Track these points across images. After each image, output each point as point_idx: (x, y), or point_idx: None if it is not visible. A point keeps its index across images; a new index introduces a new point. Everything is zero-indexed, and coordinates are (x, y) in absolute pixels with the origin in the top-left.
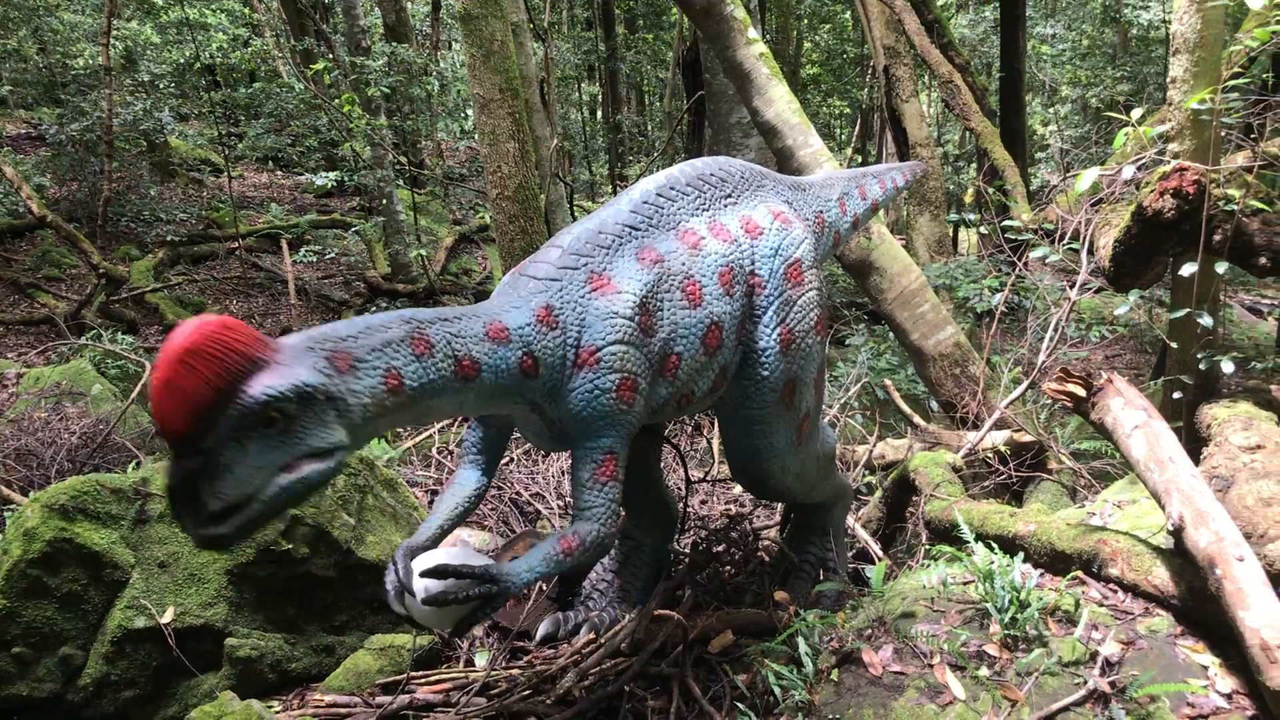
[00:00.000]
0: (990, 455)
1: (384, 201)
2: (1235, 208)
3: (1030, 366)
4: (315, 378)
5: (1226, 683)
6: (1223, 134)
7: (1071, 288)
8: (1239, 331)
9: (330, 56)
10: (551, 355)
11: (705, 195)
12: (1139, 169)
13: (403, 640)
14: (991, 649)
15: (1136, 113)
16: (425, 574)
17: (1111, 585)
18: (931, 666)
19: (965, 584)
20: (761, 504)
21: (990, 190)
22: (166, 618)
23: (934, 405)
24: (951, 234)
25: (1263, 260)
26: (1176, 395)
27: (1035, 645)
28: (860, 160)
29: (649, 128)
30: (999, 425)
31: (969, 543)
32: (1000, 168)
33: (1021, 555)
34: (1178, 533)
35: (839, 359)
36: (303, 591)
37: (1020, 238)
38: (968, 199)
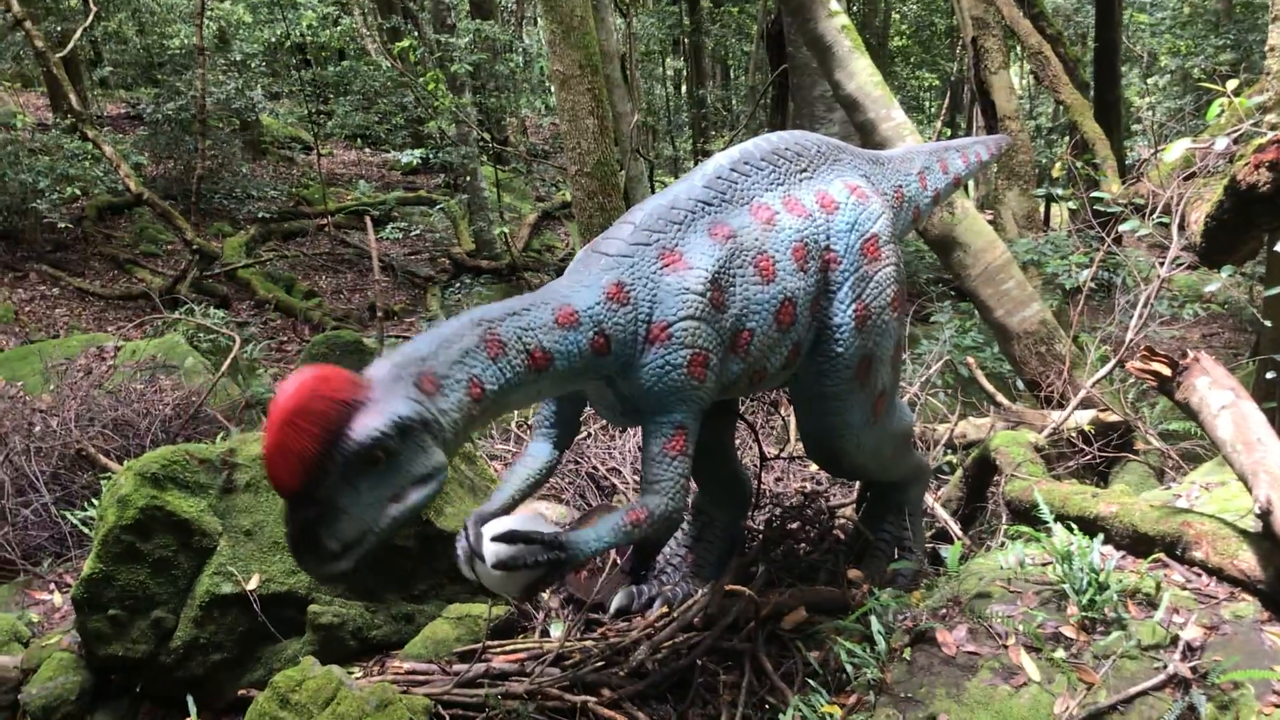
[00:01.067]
0: (1075, 435)
1: (469, 179)
2: None
3: (1119, 345)
4: (409, 408)
5: None
6: None
7: (1162, 264)
8: None
9: (416, 34)
10: (623, 332)
11: (780, 170)
12: (1234, 141)
13: (479, 610)
14: (1068, 631)
15: (1232, 83)
16: (495, 539)
17: (1195, 569)
18: (1006, 647)
19: (1043, 565)
20: (838, 482)
21: (1080, 164)
22: (252, 584)
23: (1019, 384)
24: (1043, 209)
25: None
26: (1270, 375)
27: (1114, 628)
28: (949, 134)
29: (733, 102)
30: (1085, 404)
31: (1048, 523)
32: (1090, 141)
33: (1102, 537)
34: (1265, 516)
35: (922, 336)
36: (383, 561)
37: (1109, 210)
38: (1055, 173)
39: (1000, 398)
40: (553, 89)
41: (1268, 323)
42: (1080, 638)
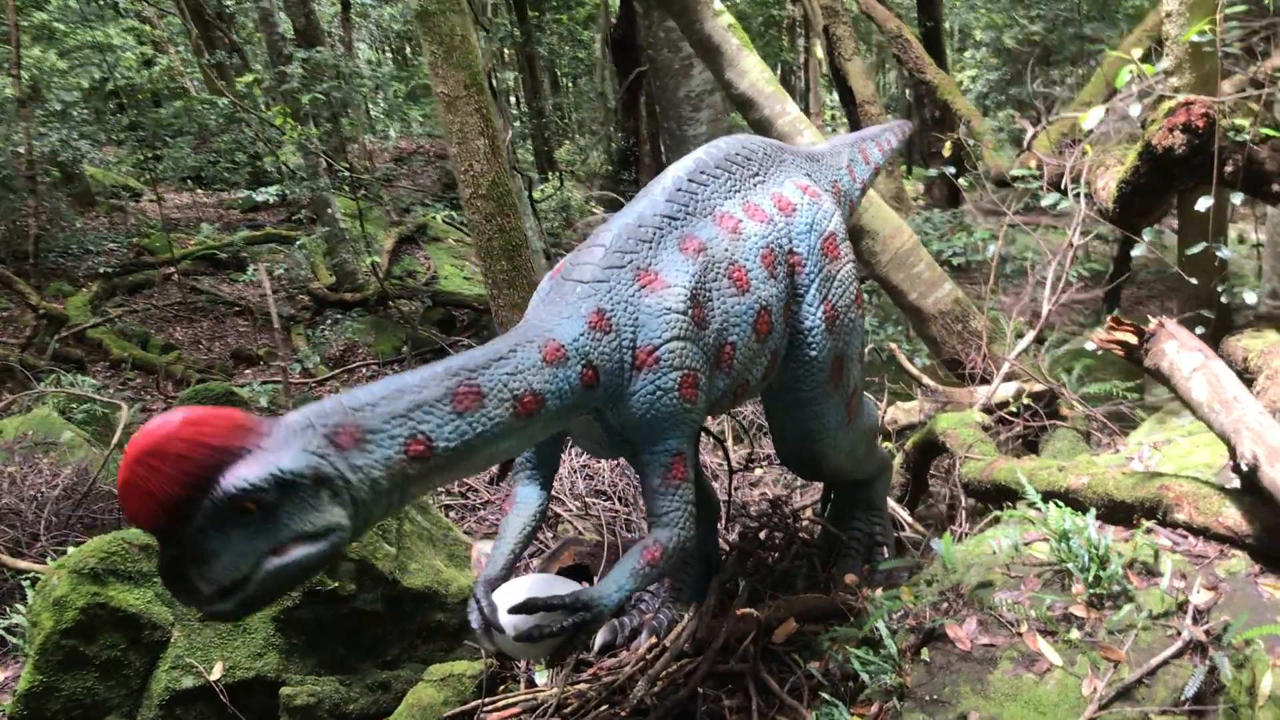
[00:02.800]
0: (1014, 407)
1: (327, 210)
2: (1246, 137)
3: (1033, 316)
4: (299, 462)
5: None
6: (1223, 63)
7: (1073, 232)
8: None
9: (249, 67)
10: (609, 361)
11: (735, 176)
12: (1140, 107)
13: (462, 668)
14: (1078, 610)
15: (1137, 51)
16: (513, 610)
17: (1180, 531)
18: (1020, 635)
19: (1028, 544)
20: (798, 485)
21: (969, 141)
22: (216, 674)
23: (917, 364)
24: (926, 188)
25: (1275, 187)
26: (1200, 331)
27: (1122, 601)
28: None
29: (570, 111)
30: (1008, 378)
31: (1026, 503)
32: (965, 118)
33: (1094, 512)
34: (1253, 471)
35: None
36: (352, 629)
37: (1006, 185)
38: (946, 151)
39: (926, 380)
40: (413, 111)
41: (1194, 280)
42: (1091, 615)
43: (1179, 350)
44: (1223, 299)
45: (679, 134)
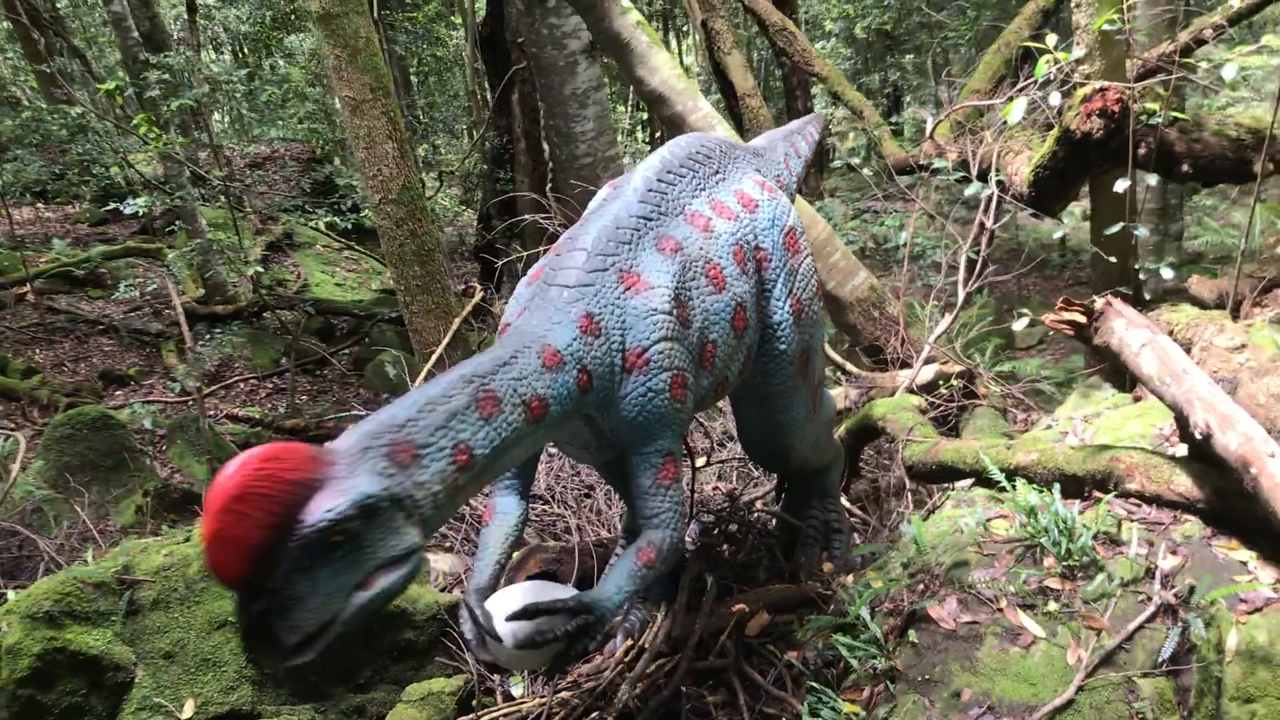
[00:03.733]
0: (945, 389)
1: (194, 220)
2: (1158, 120)
3: (946, 299)
4: (376, 484)
5: (1268, 573)
6: (1131, 50)
7: (987, 214)
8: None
9: (91, 73)
10: (601, 365)
11: (699, 175)
12: (1059, 95)
13: (440, 685)
14: (1053, 583)
15: (1052, 39)
16: (512, 617)
17: (1132, 500)
18: (1001, 610)
19: (989, 522)
20: (754, 477)
21: (873, 132)
22: (187, 712)
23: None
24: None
25: (1185, 167)
26: None
27: (1093, 571)
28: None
29: (427, 110)
30: (926, 360)
31: (971, 484)
32: (857, 109)
33: (1059, 486)
34: (1207, 439)
35: None
36: (324, 653)
37: (907, 175)
38: (850, 143)
39: (850, 366)
40: (343, 115)
41: (1113, 258)
42: (1066, 587)
43: (1127, 327)
44: (1141, 275)
45: (566, 131)
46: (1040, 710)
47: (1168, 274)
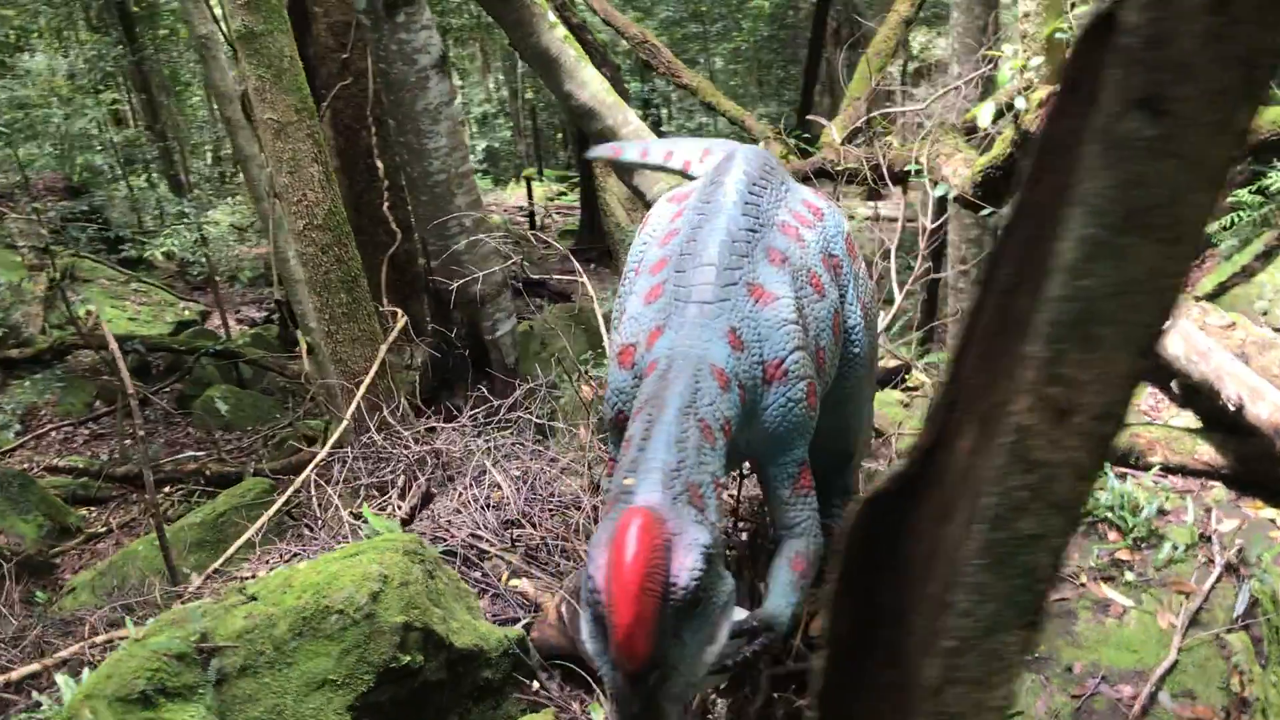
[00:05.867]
0: (911, 382)
1: None
2: None
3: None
4: (704, 533)
5: None
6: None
7: (927, 216)
8: None
9: None
10: (749, 378)
11: (775, 185)
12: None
13: None
14: (1123, 555)
15: (1009, 48)
16: None
17: (1157, 472)
18: (1084, 585)
19: None
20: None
21: (790, 139)
22: None
23: None
24: None
25: None
26: None
27: (1155, 540)
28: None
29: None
30: None
31: None
32: (739, 118)
33: (1108, 466)
34: (1239, 410)
35: None
36: (417, 703)
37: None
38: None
39: None
40: (266, 139)
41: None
42: (1136, 558)
43: None
44: None
45: (418, 147)
46: (1153, 674)
47: None
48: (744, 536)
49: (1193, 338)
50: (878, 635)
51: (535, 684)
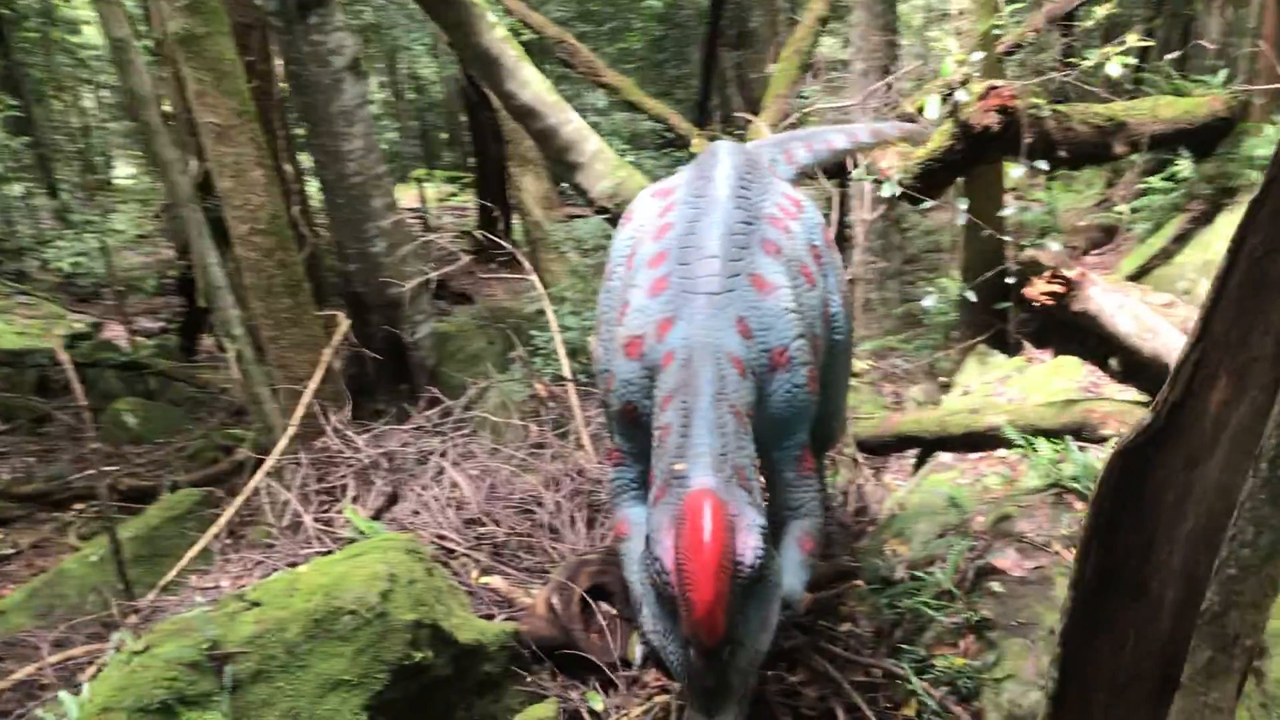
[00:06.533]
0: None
1: None
2: (1046, 113)
3: None
4: (758, 514)
5: None
6: (1013, 53)
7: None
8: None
9: None
10: (758, 365)
11: (759, 178)
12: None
13: (542, 712)
14: None
15: (952, 42)
16: None
17: (1105, 444)
18: (1058, 553)
19: (983, 478)
20: None
21: (718, 132)
22: None
23: None
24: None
25: (1063, 153)
26: (1010, 280)
27: None
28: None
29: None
30: None
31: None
32: (663, 116)
33: (1069, 438)
34: None
35: None
36: (427, 699)
37: None
38: (695, 148)
39: None
40: (208, 143)
41: (1007, 238)
42: None
43: (1103, 293)
44: (1028, 250)
45: (333, 150)
46: None
47: (1055, 246)
48: None
49: (1142, 316)
50: (1120, 575)
51: (529, 676)
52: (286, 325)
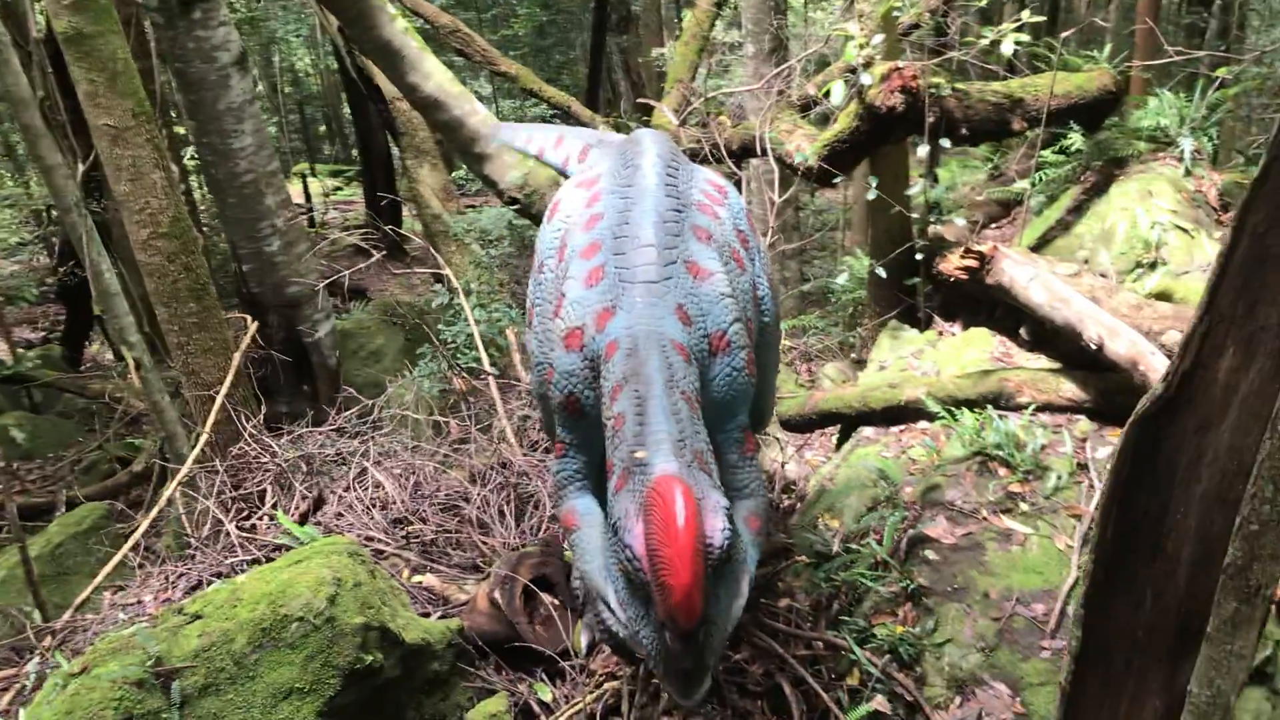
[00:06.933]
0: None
1: None
2: (947, 93)
3: None
4: (721, 495)
5: None
6: (910, 34)
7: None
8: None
9: None
10: (699, 350)
11: (683, 166)
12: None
13: (494, 706)
14: (1015, 488)
15: (853, 26)
16: None
17: (1031, 412)
18: (986, 519)
19: (908, 450)
20: None
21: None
22: None
23: None
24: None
25: (964, 131)
26: (919, 256)
27: (1040, 472)
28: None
29: None
30: None
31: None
32: (564, 104)
33: (991, 409)
34: (1099, 349)
35: None
36: (378, 701)
37: None
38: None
39: None
40: (102, 146)
41: (915, 215)
42: (1026, 489)
43: (1015, 265)
44: (935, 226)
45: (222, 148)
46: (1060, 592)
47: (960, 222)
48: None
49: (1054, 286)
50: (1138, 536)
51: (476, 672)
52: (194, 330)
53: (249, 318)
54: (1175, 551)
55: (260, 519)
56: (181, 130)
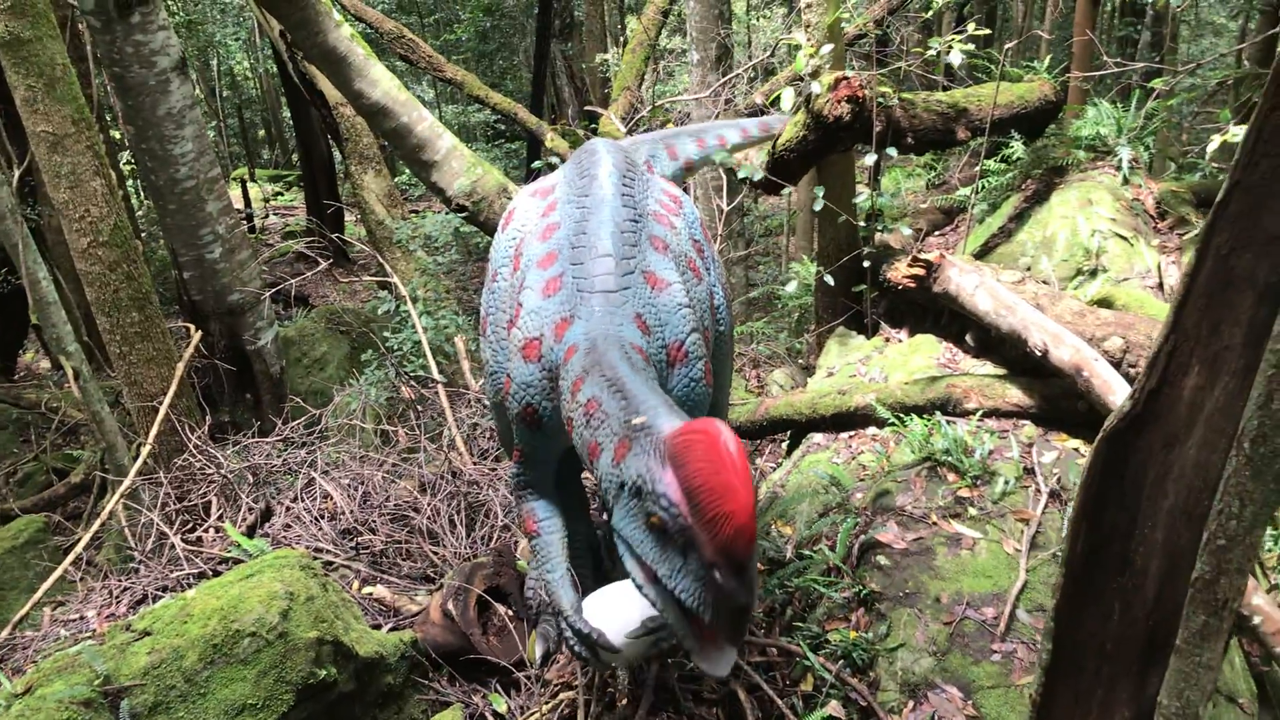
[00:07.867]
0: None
1: None
2: (893, 103)
3: None
4: None
5: None
6: (855, 44)
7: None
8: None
9: None
10: (658, 359)
11: (639, 175)
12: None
13: (451, 717)
14: (964, 493)
15: (800, 36)
16: (631, 635)
17: (978, 418)
18: (936, 524)
19: (857, 457)
20: None
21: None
22: None
23: None
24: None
25: (909, 140)
26: (867, 264)
27: (989, 478)
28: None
29: None
30: None
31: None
32: (509, 110)
33: (938, 414)
34: (1044, 355)
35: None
36: (331, 718)
37: None
38: (550, 143)
39: None
40: (40, 153)
41: (862, 223)
42: (975, 494)
43: (961, 274)
44: (882, 234)
45: (163, 154)
46: (1009, 595)
47: (906, 231)
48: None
49: (999, 293)
50: (1107, 550)
51: (430, 684)
52: (136, 340)
53: (191, 326)
54: (1143, 565)
55: (206, 531)
56: (118, 135)
